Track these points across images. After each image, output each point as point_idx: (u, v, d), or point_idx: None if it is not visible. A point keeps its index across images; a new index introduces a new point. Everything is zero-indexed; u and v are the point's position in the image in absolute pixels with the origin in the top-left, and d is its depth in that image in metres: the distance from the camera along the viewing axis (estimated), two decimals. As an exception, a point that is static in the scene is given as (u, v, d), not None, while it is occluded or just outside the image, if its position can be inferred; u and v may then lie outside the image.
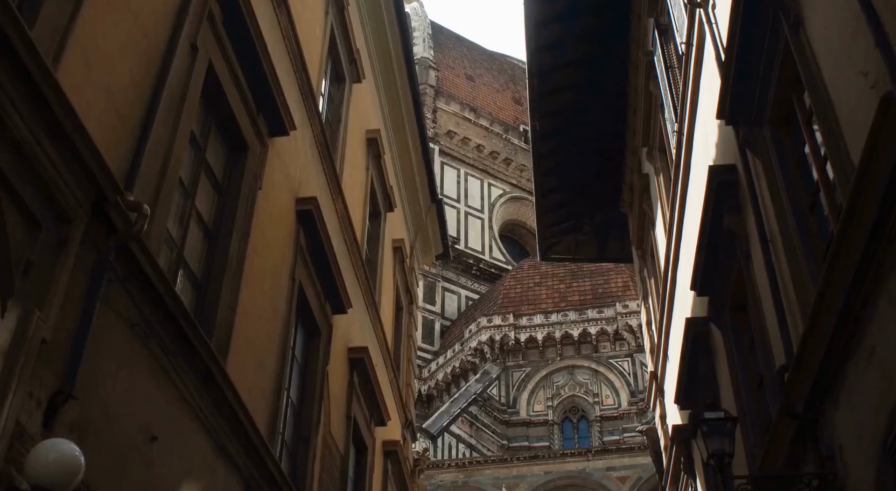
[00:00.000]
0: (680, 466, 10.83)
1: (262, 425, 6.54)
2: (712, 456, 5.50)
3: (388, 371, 12.11)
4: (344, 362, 9.54)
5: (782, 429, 5.52)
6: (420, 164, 14.52)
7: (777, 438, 5.58)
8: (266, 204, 7.05)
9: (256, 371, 6.63)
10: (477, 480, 27.49)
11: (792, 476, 5.21)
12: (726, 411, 5.85)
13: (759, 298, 6.58)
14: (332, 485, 8.78)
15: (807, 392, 5.23)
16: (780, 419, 5.51)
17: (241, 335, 6.28)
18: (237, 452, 6.03)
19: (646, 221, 12.74)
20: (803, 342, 5.16)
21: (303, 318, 8.21)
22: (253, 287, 6.62)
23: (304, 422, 8.01)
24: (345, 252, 9.76)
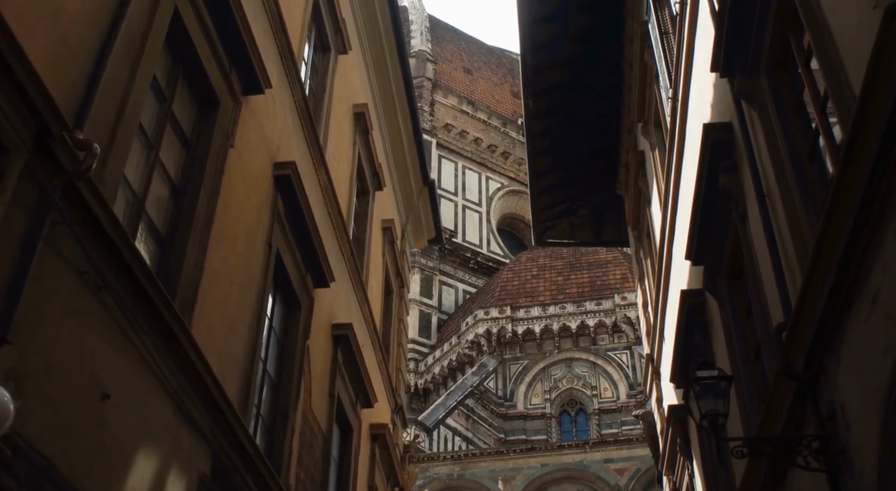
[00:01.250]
0: (676, 447, 10.50)
1: (232, 394, 6.22)
2: (705, 417, 5.16)
3: (377, 353, 11.79)
4: (327, 339, 9.21)
5: (781, 390, 5.19)
6: (411, 145, 14.20)
7: (775, 400, 5.25)
8: (239, 164, 6.74)
9: (226, 336, 6.30)
10: (473, 473, 27.13)
11: (791, 438, 4.88)
12: (720, 370, 5.52)
13: (756, 259, 6.25)
14: (314, 464, 8.45)
15: (806, 350, 4.91)
16: (779, 380, 5.18)
17: (209, 297, 5.96)
18: (204, 421, 5.71)
19: (641, 199, 12.42)
20: (802, 296, 4.84)
21: (281, 288, 7.89)
22: (223, 248, 6.30)
23: (281, 396, 7.69)
24: (328, 226, 9.44)
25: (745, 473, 6.19)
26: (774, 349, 5.21)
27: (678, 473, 11.17)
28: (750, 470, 6.04)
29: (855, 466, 4.48)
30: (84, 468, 4.33)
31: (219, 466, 5.98)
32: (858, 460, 4.45)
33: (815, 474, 5.02)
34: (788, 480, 5.64)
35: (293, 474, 7.66)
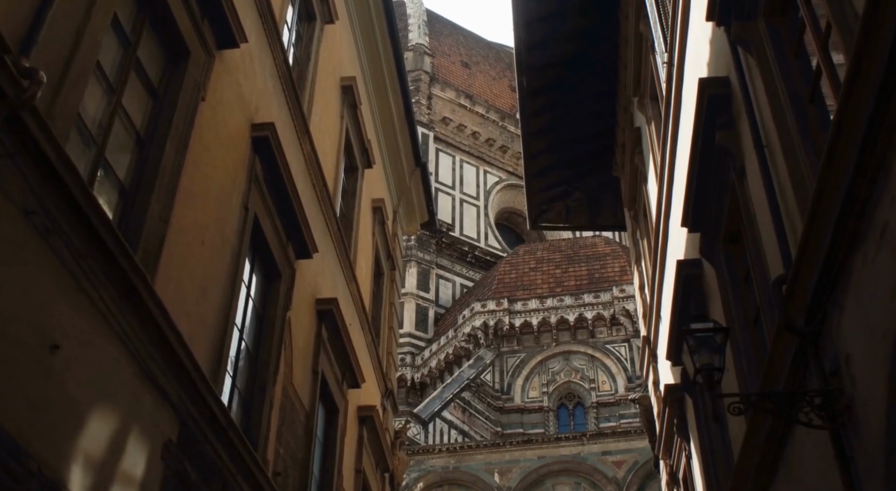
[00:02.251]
0: (673, 428, 10.18)
1: (203, 360, 5.91)
2: (700, 371, 4.84)
3: (365, 334, 11.47)
4: (311, 313, 8.89)
5: (781, 347, 4.87)
6: (402, 124, 13.88)
7: (776, 357, 4.93)
8: (212, 120, 6.42)
9: (197, 299, 5.98)
10: (468, 466, 26.76)
11: (791, 393, 4.56)
12: (716, 322, 5.20)
13: (755, 216, 5.93)
14: (295, 441, 8.13)
15: (808, 301, 4.59)
16: (779, 336, 4.86)
17: (177, 254, 5.65)
18: (170, 385, 5.39)
19: (638, 177, 12.10)
20: (803, 243, 4.52)
21: (260, 256, 7.57)
22: (193, 206, 5.98)
23: (259, 369, 7.37)
24: (312, 197, 9.13)
25: (745, 439, 5.88)
26: (774, 303, 4.89)
27: (675, 456, 10.85)
28: (750, 435, 5.73)
29: (860, 422, 4.17)
30: (28, 422, 4.01)
31: (187, 434, 5.67)
32: (864, 416, 4.14)
33: (818, 435, 4.70)
34: (790, 445, 5.32)
35: (271, 450, 7.34)
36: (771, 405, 4.56)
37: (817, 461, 4.83)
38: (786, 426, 5.28)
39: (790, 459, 5.41)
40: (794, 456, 5.31)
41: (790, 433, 5.30)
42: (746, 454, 6.11)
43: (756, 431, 5.75)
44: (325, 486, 9.19)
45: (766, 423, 5.54)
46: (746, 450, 6.07)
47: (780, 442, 5.45)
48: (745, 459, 6.23)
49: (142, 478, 5.03)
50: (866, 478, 4.15)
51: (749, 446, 5.95)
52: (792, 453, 5.36)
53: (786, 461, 5.52)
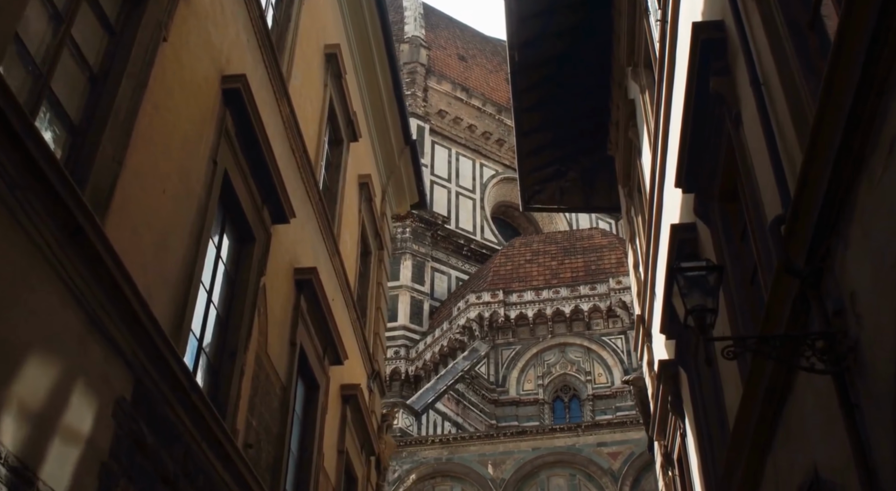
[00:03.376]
0: (668, 405, 9.80)
1: (162, 316, 5.53)
2: (691, 312, 4.46)
3: (350, 311, 11.09)
4: (288, 282, 8.52)
5: (780, 291, 4.50)
6: (391, 100, 13.50)
7: (775, 302, 4.56)
8: (176, 64, 6.04)
9: (156, 251, 5.61)
10: (462, 457, 26.34)
11: (790, 336, 4.18)
12: (708, 260, 4.82)
13: (752, 165, 5.56)
14: (270, 414, 7.75)
15: (808, 239, 4.22)
16: (778, 280, 4.49)
17: (132, 199, 5.27)
18: (122, 338, 5.01)
19: (632, 152, 11.73)
20: (803, 175, 4.15)
21: (232, 216, 7.20)
22: (153, 152, 5.60)
23: (230, 334, 7.00)
24: (291, 163, 8.75)
25: (741, 402, 5.51)
26: (773, 247, 4.51)
27: (669, 436, 10.48)
28: (746, 397, 5.36)
29: (867, 364, 3.80)
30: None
31: (143, 393, 5.29)
32: (871, 357, 3.77)
33: (820, 386, 4.33)
34: (789, 402, 4.95)
35: (242, 420, 6.96)
36: (769, 349, 4.18)
37: (819, 415, 4.46)
38: (785, 381, 4.91)
39: (790, 418, 5.04)
40: (793, 414, 4.94)
41: (790, 389, 4.93)
42: (743, 419, 5.74)
43: (753, 391, 5.38)
44: (304, 464, 8.81)
45: (763, 381, 5.17)
46: (743, 414, 5.70)
47: (779, 400, 5.08)
48: (741, 425, 5.87)
49: (89, 434, 4.66)
50: (873, 426, 3.79)
51: (746, 408, 5.58)
52: (791, 411, 4.99)
53: (785, 422, 5.15)
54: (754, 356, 4.44)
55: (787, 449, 5.14)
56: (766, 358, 4.31)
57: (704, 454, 8.09)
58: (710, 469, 7.90)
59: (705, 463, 8.06)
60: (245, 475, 6.71)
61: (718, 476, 7.22)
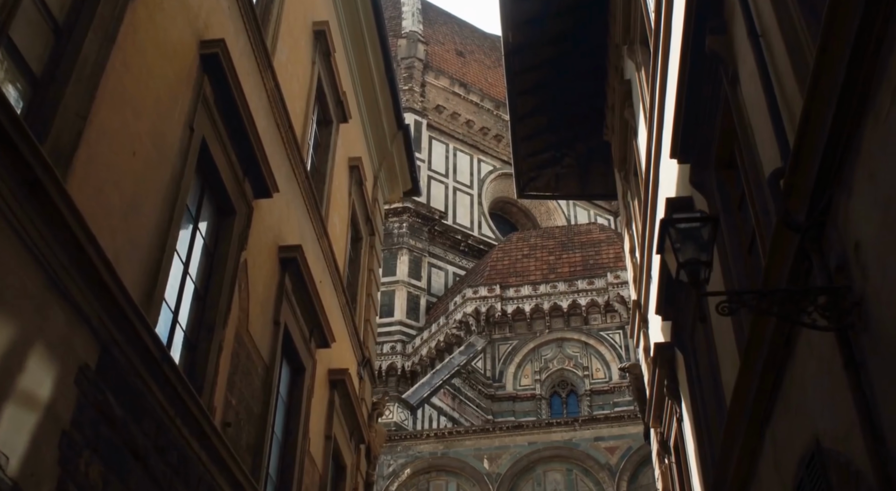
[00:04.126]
0: (664, 390, 9.54)
1: (132, 283, 5.27)
2: (684, 266, 4.19)
3: (339, 296, 10.83)
4: (272, 260, 8.26)
5: (780, 249, 4.25)
6: (383, 83, 13.24)
7: (774, 260, 4.30)
8: (149, 23, 5.79)
9: (125, 214, 5.35)
10: (457, 452, 26.04)
11: (791, 291, 3.92)
12: (702, 212, 4.56)
13: (750, 125, 5.30)
14: (251, 394, 7.50)
15: (810, 191, 3.97)
16: (777, 236, 4.23)
17: (98, 158, 5.02)
18: (87, 302, 4.76)
19: (628, 133, 11.47)
20: (803, 121, 3.90)
21: (211, 187, 6.94)
22: (122, 110, 5.35)
23: (208, 308, 6.74)
24: (276, 138, 8.50)
25: (739, 375, 5.26)
26: (771, 198, 4.25)
27: (665, 423, 10.22)
28: (744, 369, 5.11)
29: (872, 318, 3.54)
30: None
31: (110, 362, 5.03)
32: (877, 311, 3.51)
33: (823, 349, 4.08)
34: (789, 369, 4.69)
35: (220, 397, 6.71)
36: (768, 304, 3.92)
37: (821, 381, 4.21)
38: (785, 349, 4.66)
39: (789, 388, 4.79)
40: (793, 383, 4.69)
41: (789, 357, 4.68)
42: (740, 393, 5.49)
43: (751, 362, 5.13)
44: (289, 448, 8.56)
45: (762, 351, 4.92)
46: (740, 388, 5.45)
47: (778, 370, 4.83)
48: (738, 400, 5.62)
49: (48, 401, 4.40)
50: (880, 386, 3.53)
51: (744, 382, 5.33)
52: (791, 381, 4.74)
53: (784, 393, 4.90)
54: (752, 313, 4.17)
55: (786, 421, 4.89)
56: (764, 314, 4.05)
57: (701, 437, 7.84)
58: (706, 452, 7.64)
59: (702, 446, 7.81)
60: (223, 454, 6.46)
61: (715, 458, 6.97)
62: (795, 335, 4.51)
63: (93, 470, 4.83)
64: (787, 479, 4.88)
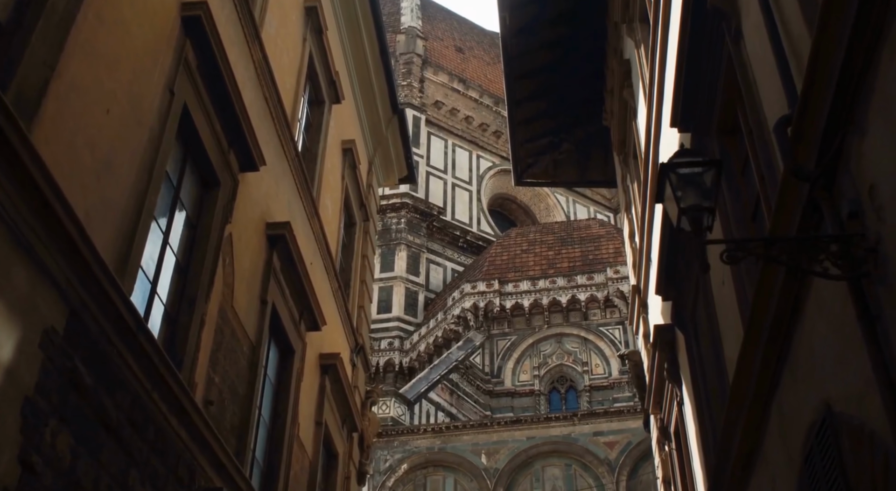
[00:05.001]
0: (664, 373, 9.27)
1: (104, 246, 5.01)
2: (685, 212, 3.92)
3: (331, 279, 10.57)
4: (260, 236, 8.01)
5: (788, 199, 3.98)
6: (378, 66, 12.99)
7: (782, 213, 4.03)
8: (124, -22, 5.54)
9: (98, 174, 5.09)
10: (454, 447, 25.73)
11: (802, 239, 3.66)
12: (705, 156, 4.30)
13: (754, 83, 5.04)
14: (236, 373, 7.24)
15: (819, 136, 3.71)
16: (785, 187, 3.97)
17: (69, 112, 4.76)
18: (54, 263, 4.50)
19: (627, 114, 11.21)
20: (812, 62, 3.64)
21: (193, 156, 6.68)
22: (95, 65, 5.09)
23: (190, 281, 6.48)
24: (266, 114, 8.26)
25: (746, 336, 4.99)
26: (778, 148, 3.99)
27: (666, 408, 9.95)
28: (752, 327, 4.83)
29: (889, 265, 3.28)
30: None
31: (80, 327, 4.77)
32: (895, 254, 3.25)
33: (833, 305, 3.82)
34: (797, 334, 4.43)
35: (202, 374, 6.45)
36: (777, 252, 3.66)
37: (832, 342, 3.95)
38: (793, 310, 4.39)
39: (797, 354, 4.52)
40: (801, 348, 4.43)
41: (797, 321, 4.41)
42: (744, 366, 5.23)
43: (756, 330, 4.87)
44: (277, 432, 8.30)
45: (768, 315, 4.66)
46: (744, 361, 5.18)
47: (785, 336, 4.56)
48: (742, 375, 5.35)
49: (9, 363, 4.13)
50: (896, 338, 3.27)
51: (748, 354, 5.07)
52: (799, 347, 4.47)
53: (791, 361, 4.64)
54: (760, 261, 3.89)
55: (793, 390, 4.63)
56: (772, 262, 3.78)
57: (703, 419, 7.58)
58: (708, 434, 7.38)
59: (703, 428, 7.54)
60: (204, 433, 6.20)
61: (717, 439, 6.71)
62: (804, 296, 4.25)
63: (60, 441, 4.57)
64: (794, 451, 4.62)
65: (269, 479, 7.99)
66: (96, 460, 4.88)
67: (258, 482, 7.79)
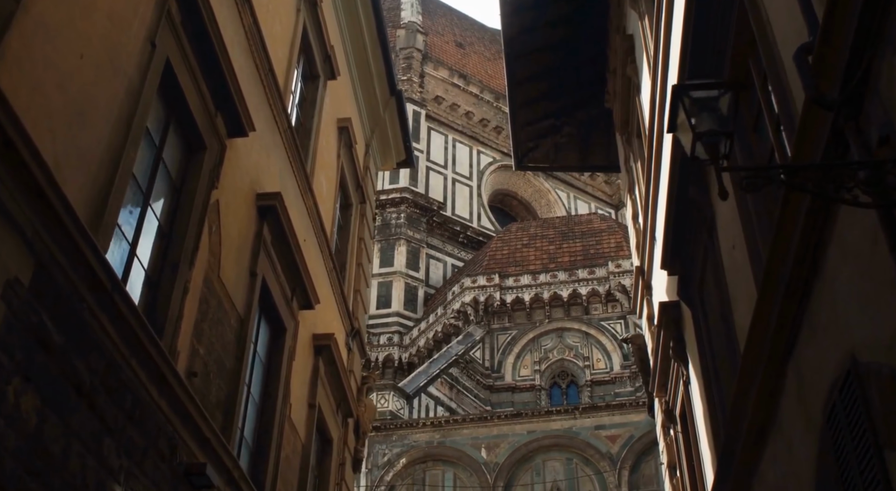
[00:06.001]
0: (669, 353, 8.96)
1: (77, 198, 4.70)
2: (700, 137, 3.59)
3: (325, 259, 10.26)
4: (249, 206, 7.70)
5: (811, 130, 3.67)
6: (375, 45, 12.69)
7: (804, 146, 3.71)
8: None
9: (70, 120, 4.77)
10: (454, 441, 25.40)
11: (827, 166, 3.34)
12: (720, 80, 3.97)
13: (769, 23, 4.73)
14: (223, 346, 6.92)
15: (844, 59, 3.40)
16: (808, 118, 3.66)
17: (38, 52, 4.45)
18: (18, 209, 4.18)
19: (630, 91, 10.89)
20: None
21: (178, 116, 6.37)
22: (66, 5, 4.78)
23: (173, 245, 6.17)
24: (256, 80, 7.96)
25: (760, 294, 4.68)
26: (800, 75, 3.67)
27: (671, 389, 9.63)
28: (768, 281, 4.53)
29: (926, 189, 2.97)
30: None
31: (48, 282, 4.46)
32: (931, 178, 2.94)
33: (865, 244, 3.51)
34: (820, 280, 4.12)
35: (184, 343, 6.13)
36: (801, 181, 3.35)
37: (858, 286, 3.64)
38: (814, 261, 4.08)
39: (817, 308, 4.22)
40: (822, 301, 4.12)
41: (817, 271, 4.10)
42: (758, 330, 4.93)
43: (772, 283, 4.56)
44: (268, 411, 7.98)
45: (786, 266, 4.35)
46: (759, 320, 4.88)
47: (803, 291, 4.25)
48: (756, 337, 5.05)
49: (-34, 314, 3.83)
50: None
51: (763, 311, 4.76)
52: (819, 299, 4.16)
53: (810, 316, 4.33)
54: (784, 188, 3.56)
55: (813, 346, 4.32)
56: (796, 190, 3.47)
57: (711, 396, 7.26)
58: (717, 412, 7.06)
59: (712, 405, 7.22)
60: (187, 405, 5.88)
61: (727, 415, 6.40)
62: (826, 240, 3.94)
63: (25, 401, 4.25)
64: (814, 413, 4.31)
65: (258, 458, 7.68)
66: (66, 425, 4.56)
67: (247, 461, 7.48)
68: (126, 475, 5.18)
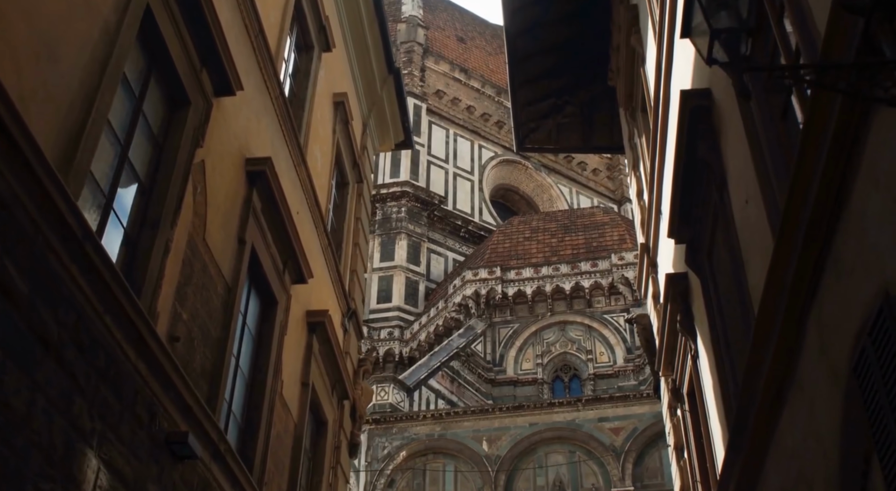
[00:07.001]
0: (676, 327, 8.62)
1: (45, 139, 4.39)
2: (718, 35, 3.24)
3: (320, 235, 9.93)
4: (238, 170, 7.38)
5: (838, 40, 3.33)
6: (372, 20, 12.37)
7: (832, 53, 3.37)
8: None
9: (38, 54, 4.45)
10: (455, 433, 25.05)
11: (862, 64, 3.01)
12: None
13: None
14: (208, 313, 6.60)
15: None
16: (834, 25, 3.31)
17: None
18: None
19: (636, 63, 10.56)
20: None
21: (160, 68, 6.05)
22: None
23: (153, 203, 5.85)
24: (244, 38, 7.66)
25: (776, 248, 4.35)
26: None
27: (678, 366, 9.29)
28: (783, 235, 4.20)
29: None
30: None
31: (10, 223, 4.14)
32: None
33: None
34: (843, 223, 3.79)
35: (164, 304, 5.80)
36: (832, 80, 3.01)
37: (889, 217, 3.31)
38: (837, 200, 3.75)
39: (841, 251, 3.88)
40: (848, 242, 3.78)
41: (843, 207, 3.77)
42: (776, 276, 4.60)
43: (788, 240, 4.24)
44: (258, 386, 7.66)
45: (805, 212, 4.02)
46: (777, 267, 4.55)
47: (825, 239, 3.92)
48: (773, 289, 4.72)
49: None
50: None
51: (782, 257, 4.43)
52: (844, 240, 3.83)
53: (834, 260, 3.99)
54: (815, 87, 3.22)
55: (837, 290, 3.98)
56: (827, 89, 3.13)
57: (721, 367, 6.92)
58: (728, 383, 6.72)
59: (722, 377, 6.88)
60: (168, 370, 5.56)
61: (739, 385, 6.06)
62: (850, 178, 3.61)
63: (-16, 351, 3.94)
64: (839, 364, 3.97)
65: (247, 435, 7.35)
66: (31, 379, 4.23)
67: (235, 437, 7.16)
68: (99, 439, 4.85)
